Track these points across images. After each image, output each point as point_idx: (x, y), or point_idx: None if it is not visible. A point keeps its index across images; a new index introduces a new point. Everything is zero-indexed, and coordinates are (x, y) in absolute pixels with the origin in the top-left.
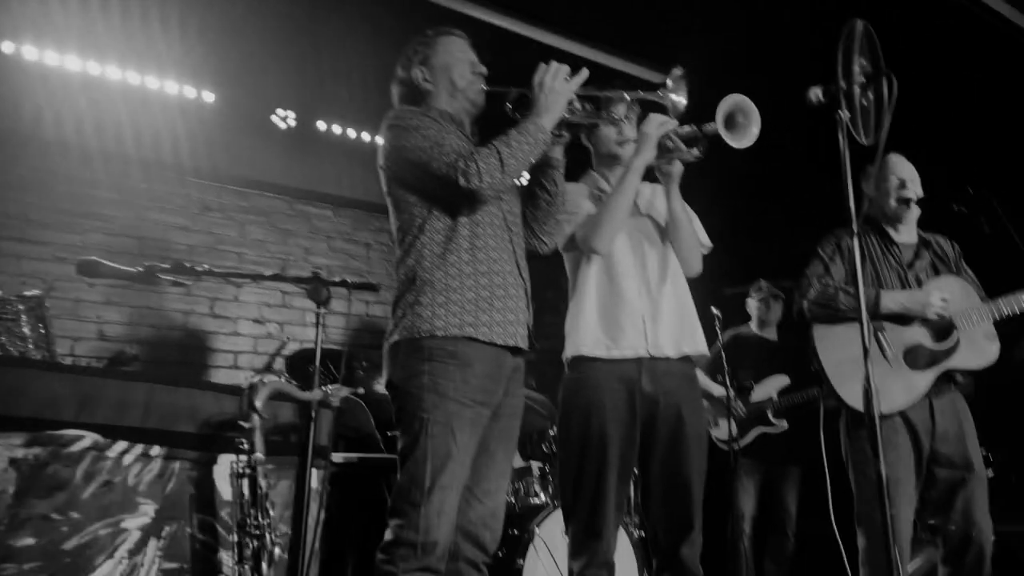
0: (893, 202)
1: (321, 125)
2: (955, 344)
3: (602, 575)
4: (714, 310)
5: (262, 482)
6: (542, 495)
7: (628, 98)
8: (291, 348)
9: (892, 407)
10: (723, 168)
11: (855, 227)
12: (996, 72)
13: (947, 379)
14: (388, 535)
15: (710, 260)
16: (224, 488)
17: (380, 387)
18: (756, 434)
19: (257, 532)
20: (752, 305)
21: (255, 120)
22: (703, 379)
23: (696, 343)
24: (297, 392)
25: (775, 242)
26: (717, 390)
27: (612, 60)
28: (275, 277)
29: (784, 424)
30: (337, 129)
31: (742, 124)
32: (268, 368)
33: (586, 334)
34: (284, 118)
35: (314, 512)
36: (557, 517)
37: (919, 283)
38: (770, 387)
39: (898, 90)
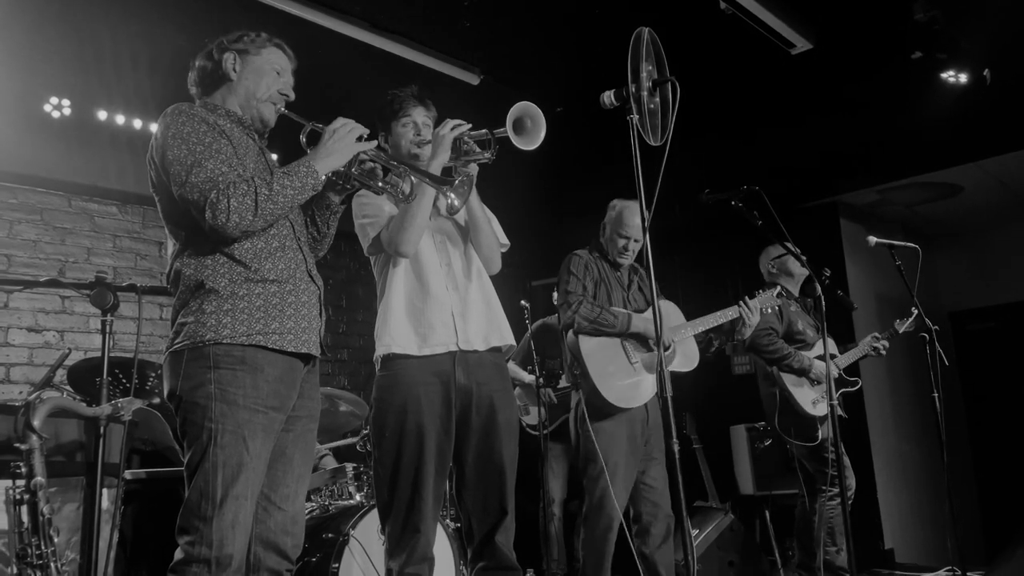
0: (620, 251)
1: (101, 114)
2: (673, 352)
3: (422, 570)
4: (523, 303)
5: (44, 508)
6: (357, 496)
7: (414, 180)
8: (74, 358)
9: (641, 401)
10: (522, 169)
11: (646, 224)
12: (763, 76)
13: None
14: (178, 554)
15: (518, 256)
16: None
17: None
18: (564, 419)
19: (40, 562)
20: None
21: (24, 108)
22: (514, 368)
23: (503, 335)
24: (82, 408)
25: (576, 238)
26: (527, 377)
27: (416, 55)
28: (51, 283)
29: None
30: (120, 119)
31: (530, 129)
32: (47, 382)
33: (397, 333)
34: (58, 106)
35: (106, 535)
36: (372, 517)
37: (635, 303)
38: None
39: (680, 93)
